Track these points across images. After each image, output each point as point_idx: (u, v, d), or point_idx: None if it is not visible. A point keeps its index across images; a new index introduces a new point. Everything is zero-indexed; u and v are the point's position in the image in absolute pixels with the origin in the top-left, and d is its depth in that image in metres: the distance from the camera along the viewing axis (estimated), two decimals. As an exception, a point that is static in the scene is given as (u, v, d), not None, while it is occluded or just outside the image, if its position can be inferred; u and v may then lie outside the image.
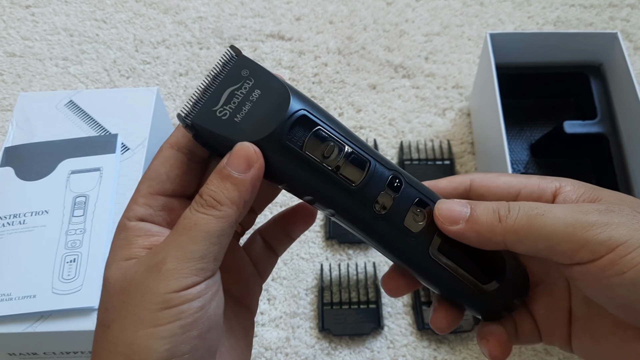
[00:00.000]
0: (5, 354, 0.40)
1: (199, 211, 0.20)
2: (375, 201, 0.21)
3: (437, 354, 0.46)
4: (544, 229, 0.20)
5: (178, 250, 0.19)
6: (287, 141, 0.20)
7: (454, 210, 0.21)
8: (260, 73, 0.21)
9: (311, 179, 0.21)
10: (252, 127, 0.20)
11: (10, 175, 0.43)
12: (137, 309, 0.19)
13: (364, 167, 0.21)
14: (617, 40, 0.50)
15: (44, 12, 0.65)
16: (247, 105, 0.20)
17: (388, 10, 0.66)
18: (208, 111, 0.20)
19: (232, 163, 0.20)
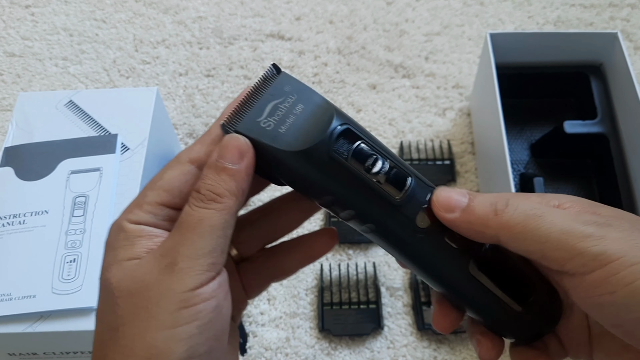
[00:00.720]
0: (5, 354, 0.40)
1: (200, 207, 0.20)
2: (417, 216, 0.21)
3: (437, 354, 0.46)
4: (539, 232, 0.19)
5: (188, 248, 0.19)
6: (333, 152, 0.20)
7: (451, 198, 0.21)
8: (303, 89, 0.21)
9: (355, 191, 0.21)
10: (297, 137, 0.20)
11: (10, 176, 0.43)
12: (153, 311, 0.18)
13: (405, 182, 0.21)
14: (617, 40, 0.50)
15: (44, 12, 0.65)
16: (290, 118, 0.20)
17: (388, 10, 0.66)
18: (252, 122, 0.20)
19: (226, 155, 0.20)
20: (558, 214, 0.20)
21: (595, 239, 0.18)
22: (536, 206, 0.20)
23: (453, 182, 0.55)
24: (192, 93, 0.60)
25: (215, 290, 0.19)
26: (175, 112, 0.59)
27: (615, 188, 0.50)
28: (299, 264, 0.25)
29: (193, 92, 0.60)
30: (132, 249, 0.20)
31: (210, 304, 0.19)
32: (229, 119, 0.21)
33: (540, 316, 0.22)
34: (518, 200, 0.20)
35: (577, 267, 0.19)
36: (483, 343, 0.22)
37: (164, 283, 0.19)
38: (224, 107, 0.59)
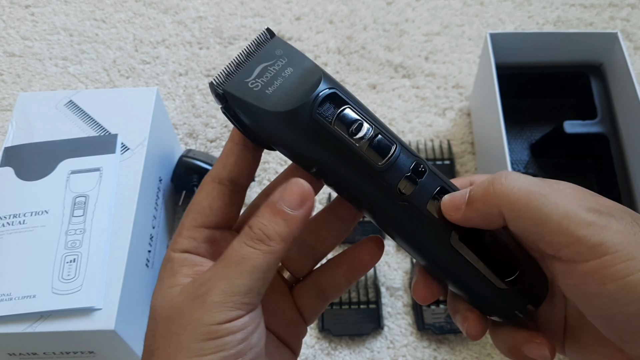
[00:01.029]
0: (5, 354, 0.40)
1: (248, 245, 0.20)
2: (399, 183, 0.21)
3: (437, 354, 0.46)
4: (541, 212, 0.19)
5: (225, 283, 0.19)
6: (317, 114, 0.20)
7: (455, 198, 0.21)
8: (293, 53, 0.21)
9: (337, 155, 0.21)
10: (282, 98, 0.20)
11: (10, 176, 0.43)
12: (182, 338, 0.19)
13: (389, 149, 0.21)
14: (617, 40, 0.50)
15: (44, 12, 0.65)
16: (279, 80, 0.21)
17: (388, 10, 0.66)
18: (240, 82, 0.21)
19: (286, 199, 0.20)
20: (561, 195, 0.19)
21: (597, 227, 0.18)
22: (538, 183, 0.20)
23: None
24: (192, 93, 0.60)
25: (245, 323, 0.19)
26: (175, 112, 0.59)
27: (615, 188, 0.50)
28: (348, 278, 0.25)
29: (193, 92, 0.60)
30: (175, 278, 0.21)
31: (238, 336, 0.19)
32: (217, 78, 0.21)
33: (523, 294, 0.22)
34: (517, 175, 0.20)
35: (572, 254, 0.18)
36: (470, 318, 0.22)
37: (195, 313, 0.19)
38: (224, 107, 0.59)
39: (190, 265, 0.21)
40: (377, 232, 0.51)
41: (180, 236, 0.22)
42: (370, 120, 0.21)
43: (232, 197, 0.23)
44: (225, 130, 0.58)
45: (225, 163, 0.22)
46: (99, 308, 0.37)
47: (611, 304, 0.18)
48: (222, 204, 0.22)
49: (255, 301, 0.20)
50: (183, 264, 0.21)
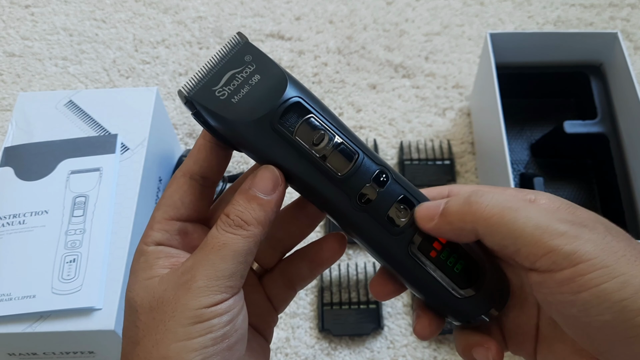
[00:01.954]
0: (5, 354, 0.40)
1: (227, 231, 0.20)
2: (360, 193, 0.21)
3: (437, 354, 0.46)
4: (514, 225, 0.19)
5: (208, 268, 0.20)
6: (278, 124, 0.21)
7: (430, 208, 0.21)
8: (262, 59, 0.22)
9: (298, 164, 0.21)
10: (247, 108, 0.21)
11: (9, 176, 0.43)
12: (170, 324, 0.19)
13: (351, 159, 0.21)
14: (617, 40, 0.50)
15: (44, 12, 0.65)
16: (245, 88, 0.21)
17: (388, 10, 0.66)
18: (208, 90, 0.21)
19: (259, 185, 0.21)
20: (534, 209, 0.20)
21: (569, 237, 0.18)
22: (512, 199, 0.20)
23: (453, 182, 0.55)
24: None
25: (230, 305, 0.20)
26: (175, 112, 0.59)
27: (615, 188, 0.50)
28: (312, 271, 0.26)
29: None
30: (151, 270, 0.21)
31: (224, 318, 0.20)
32: (186, 85, 0.21)
33: (486, 299, 0.22)
34: (493, 192, 0.21)
35: (547, 264, 0.19)
36: (422, 318, 0.23)
37: (181, 299, 0.20)
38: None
39: (166, 257, 0.21)
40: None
41: (152, 229, 0.22)
42: (334, 129, 0.21)
43: (203, 192, 0.23)
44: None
45: (197, 158, 0.23)
46: (99, 308, 0.37)
47: (586, 312, 0.18)
48: (193, 198, 0.23)
49: (238, 284, 0.20)
50: (158, 256, 0.21)
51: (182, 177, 0.23)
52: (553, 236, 0.18)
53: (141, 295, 0.21)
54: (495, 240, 0.20)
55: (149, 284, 0.21)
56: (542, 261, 0.19)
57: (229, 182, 0.53)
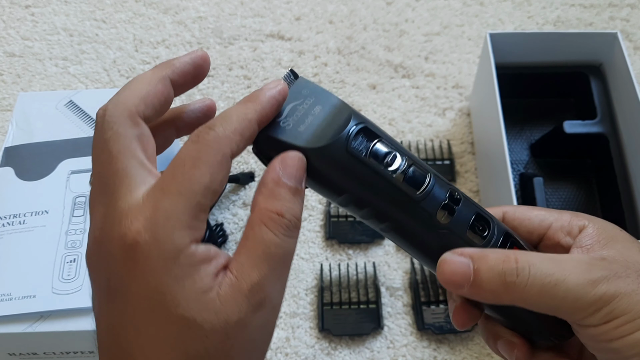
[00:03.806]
0: (5, 354, 0.40)
1: (287, 236, 0.18)
2: (437, 212, 0.21)
3: (437, 354, 0.46)
4: (554, 301, 0.20)
5: (282, 284, 0.18)
6: (352, 148, 0.21)
7: (456, 274, 0.20)
8: (320, 92, 0.22)
9: (374, 188, 0.21)
10: (316, 135, 0.21)
11: (10, 176, 0.43)
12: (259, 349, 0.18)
13: (424, 179, 0.21)
14: (617, 40, 0.50)
15: (44, 12, 0.65)
16: (309, 118, 0.21)
17: (388, 10, 0.66)
18: (273, 122, 0.21)
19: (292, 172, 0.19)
20: (572, 275, 0.20)
21: (607, 298, 0.20)
22: (549, 271, 0.20)
23: (453, 182, 0.55)
24: (192, 93, 0.60)
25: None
26: (175, 112, 0.59)
27: (615, 188, 0.50)
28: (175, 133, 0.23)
29: (193, 92, 0.60)
30: (200, 279, 0.17)
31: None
32: None
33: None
34: (528, 265, 0.20)
35: (586, 323, 0.20)
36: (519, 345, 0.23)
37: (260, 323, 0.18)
38: (224, 107, 0.59)
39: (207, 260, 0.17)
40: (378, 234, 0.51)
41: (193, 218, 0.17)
42: (402, 152, 0.21)
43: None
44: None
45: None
46: (99, 308, 0.37)
47: (618, 355, 0.20)
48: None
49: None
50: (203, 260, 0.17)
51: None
52: (591, 303, 0.20)
53: (204, 316, 0.17)
54: (533, 309, 0.21)
55: (207, 301, 0.17)
56: (582, 322, 0.20)
57: (229, 182, 0.53)
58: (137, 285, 0.17)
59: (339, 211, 0.52)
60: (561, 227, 0.23)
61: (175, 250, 0.17)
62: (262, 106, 0.19)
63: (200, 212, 0.17)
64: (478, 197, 0.54)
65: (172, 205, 0.17)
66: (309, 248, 0.51)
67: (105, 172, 0.18)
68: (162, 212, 0.17)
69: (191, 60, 0.21)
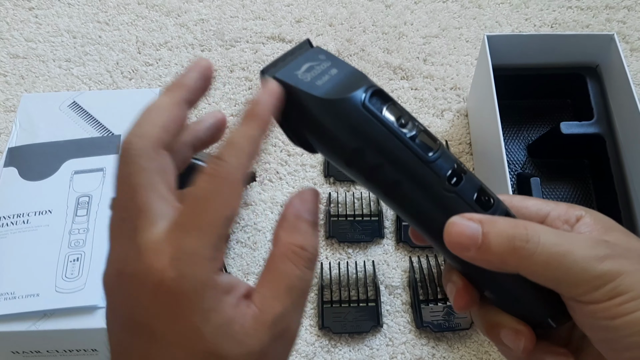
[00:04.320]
0: (9, 352, 0.41)
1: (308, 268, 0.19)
2: (448, 174, 0.21)
3: (436, 351, 0.47)
4: (560, 270, 0.20)
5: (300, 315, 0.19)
6: (368, 103, 0.20)
7: (463, 235, 0.20)
8: (336, 59, 0.22)
9: (387, 143, 0.21)
10: (333, 89, 0.21)
11: (14, 176, 0.43)
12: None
13: (434, 144, 0.21)
14: (613, 42, 0.51)
15: (47, 14, 0.66)
16: (326, 76, 0.21)
17: (387, 13, 0.67)
18: (291, 73, 0.21)
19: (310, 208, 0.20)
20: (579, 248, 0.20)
21: (612, 274, 0.20)
22: (557, 241, 0.20)
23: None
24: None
25: None
26: (176, 113, 0.60)
27: (612, 188, 0.50)
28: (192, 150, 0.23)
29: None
30: (223, 311, 0.17)
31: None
32: (267, 67, 0.21)
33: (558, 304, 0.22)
34: (538, 233, 0.20)
35: (588, 299, 0.20)
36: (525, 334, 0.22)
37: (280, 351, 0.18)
38: (225, 107, 0.60)
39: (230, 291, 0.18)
40: (377, 233, 0.52)
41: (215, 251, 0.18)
42: (414, 119, 0.22)
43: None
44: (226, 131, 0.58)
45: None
46: (102, 306, 0.37)
47: (617, 334, 0.20)
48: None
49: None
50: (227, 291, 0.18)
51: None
52: (596, 277, 0.20)
53: (229, 347, 0.17)
54: (536, 279, 0.20)
55: (231, 332, 0.17)
56: (584, 297, 0.20)
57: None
58: (165, 322, 0.17)
59: (338, 210, 0.53)
60: (558, 216, 0.23)
61: (200, 286, 0.17)
62: (265, 121, 0.19)
63: (221, 243, 0.18)
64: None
65: (195, 242, 0.17)
66: (309, 247, 0.52)
67: (127, 204, 0.19)
68: (185, 249, 0.17)
69: (200, 74, 0.21)
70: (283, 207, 0.21)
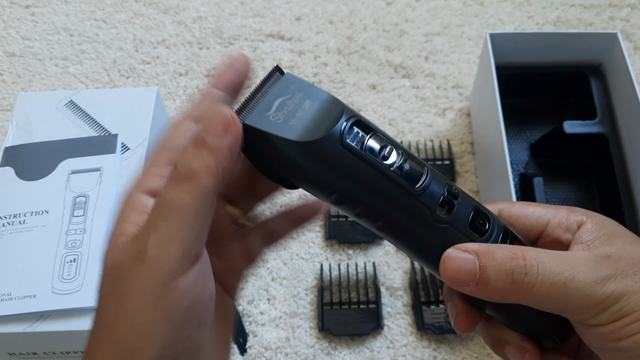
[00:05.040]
0: (5, 354, 0.40)
1: (173, 187, 0.18)
2: (437, 206, 0.20)
3: (437, 354, 0.46)
4: (561, 300, 0.19)
5: (157, 233, 0.17)
6: (346, 141, 0.19)
7: (461, 271, 0.20)
8: (308, 87, 0.21)
9: (371, 182, 0.20)
10: (308, 128, 0.19)
11: (10, 175, 0.43)
12: (126, 305, 0.17)
13: (421, 173, 0.20)
14: (617, 40, 0.50)
15: (44, 12, 0.65)
16: (299, 112, 0.20)
17: (388, 10, 0.66)
18: (261, 115, 0.20)
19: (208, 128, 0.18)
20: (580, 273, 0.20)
21: (615, 297, 0.19)
22: (557, 269, 0.19)
23: (453, 182, 0.55)
24: (193, 93, 0.60)
25: (192, 283, 0.18)
26: (175, 112, 0.59)
27: (615, 188, 0.50)
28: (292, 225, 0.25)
29: (193, 92, 0.60)
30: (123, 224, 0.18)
31: (186, 300, 0.17)
32: (237, 111, 0.20)
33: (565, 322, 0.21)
34: (536, 263, 0.20)
35: (593, 322, 0.20)
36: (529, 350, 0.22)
37: (135, 274, 0.17)
38: (224, 107, 0.59)
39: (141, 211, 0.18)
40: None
41: (148, 173, 0.19)
42: (397, 146, 0.21)
43: None
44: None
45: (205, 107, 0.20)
46: (99, 308, 0.37)
47: (624, 355, 0.20)
48: None
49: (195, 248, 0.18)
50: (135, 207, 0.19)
51: (191, 122, 0.20)
52: (599, 302, 0.19)
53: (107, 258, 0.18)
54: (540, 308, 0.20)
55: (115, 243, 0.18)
56: (588, 321, 0.20)
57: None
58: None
59: (338, 211, 0.52)
60: (559, 224, 0.22)
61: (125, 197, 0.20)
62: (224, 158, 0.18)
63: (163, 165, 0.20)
64: (478, 197, 0.54)
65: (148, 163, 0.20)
66: (309, 248, 0.51)
67: None
68: None
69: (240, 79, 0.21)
70: None
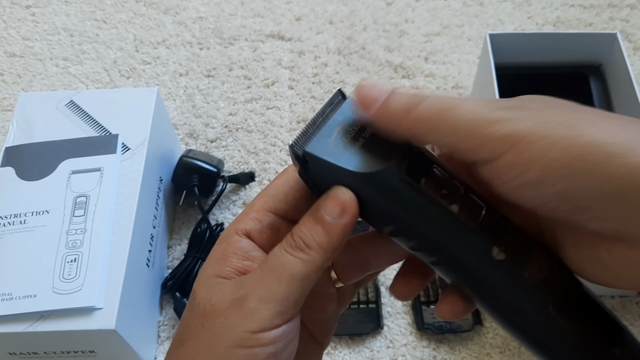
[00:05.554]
0: (6, 354, 0.40)
1: (287, 252, 0.20)
2: (495, 244, 0.19)
3: (437, 353, 0.46)
4: (450, 123, 0.18)
5: (262, 288, 0.19)
6: (406, 175, 0.19)
7: (371, 93, 0.20)
8: None
9: (428, 218, 0.19)
10: (367, 159, 0.19)
11: (10, 175, 0.43)
12: (213, 339, 0.19)
13: (480, 210, 0.20)
14: (616, 41, 0.51)
15: (44, 12, 0.65)
16: (360, 141, 0.20)
17: (388, 10, 0.66)
18: (321, 142, 0.20)
19: (326, 207, 0.20)
20: (470, 102, 0.18)
21: (502, 122, 0.17)
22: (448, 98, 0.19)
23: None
24: (193, 93, 0.60)
25: (277, 337, 0.19)
26: (175, 112, 0.59)
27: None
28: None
29: (193, 92, 0.60)
30: (222, 266, 0.20)
31: (268, 349, 0.19)
32: (297, 140, 0.20)
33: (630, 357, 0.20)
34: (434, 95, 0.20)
35: (487, 154, 0.18)
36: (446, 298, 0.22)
37: (230, 316, 0.19)
38: (224, 106, 0.59)
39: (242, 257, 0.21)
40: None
41: (247, 216, 0.21)
42: (457, 180, 0.20)
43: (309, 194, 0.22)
44: (225, 130, 0.58)
45: None
46: (100, 307, 0.37)
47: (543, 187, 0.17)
48: (297, 195, 0.21)
49: (290, 311, 0.19)
50: (235, 251, 0.21)
51: (294, 172, 0.21)
52: (487, 125, 0.17)
53: (202, 294, 0.20)
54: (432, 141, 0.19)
55: (212, 283, 0.20)
56: (481, 152, 0.18)
57: (229, 182, 0.53)
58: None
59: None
60: None
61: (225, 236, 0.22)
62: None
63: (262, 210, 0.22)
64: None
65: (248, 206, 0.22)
66: (309, 248, 0.51)
67: None
68: None
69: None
70: None
